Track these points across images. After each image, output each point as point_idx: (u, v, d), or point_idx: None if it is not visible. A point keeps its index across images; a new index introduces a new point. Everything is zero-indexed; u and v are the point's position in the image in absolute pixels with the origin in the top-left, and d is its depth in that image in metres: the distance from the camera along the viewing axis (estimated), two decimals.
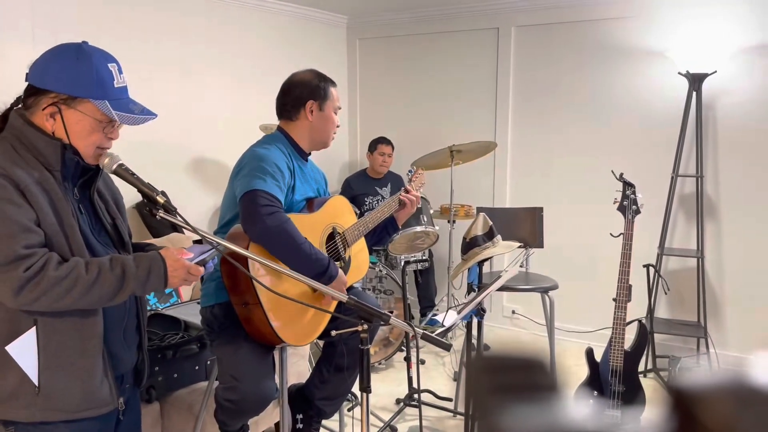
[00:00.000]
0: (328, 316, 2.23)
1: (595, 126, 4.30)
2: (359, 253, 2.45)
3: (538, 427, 0.33)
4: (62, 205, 1.48)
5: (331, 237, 2.30)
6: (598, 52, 4.23)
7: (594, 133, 4.31)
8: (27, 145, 1.47)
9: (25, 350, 1.46)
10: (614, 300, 2.87)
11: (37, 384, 1.47)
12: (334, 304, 2.19)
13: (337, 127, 2.36)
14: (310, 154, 2.35)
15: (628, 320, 2.88)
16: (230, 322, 2.13)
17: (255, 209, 1.96)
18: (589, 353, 2.96)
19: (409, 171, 2.61)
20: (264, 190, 1.99)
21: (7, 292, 1.38)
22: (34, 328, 1.46)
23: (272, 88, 4.52)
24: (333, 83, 2.35)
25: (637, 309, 3.69)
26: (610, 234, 3.04)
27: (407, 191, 2.46)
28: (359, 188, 4.61)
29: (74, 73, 1.47)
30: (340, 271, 2.11)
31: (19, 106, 1.52)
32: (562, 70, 4.37)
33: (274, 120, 4.23)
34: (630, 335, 2.92)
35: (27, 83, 1.50)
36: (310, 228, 2.13)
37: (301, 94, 2.28)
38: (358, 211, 2.98)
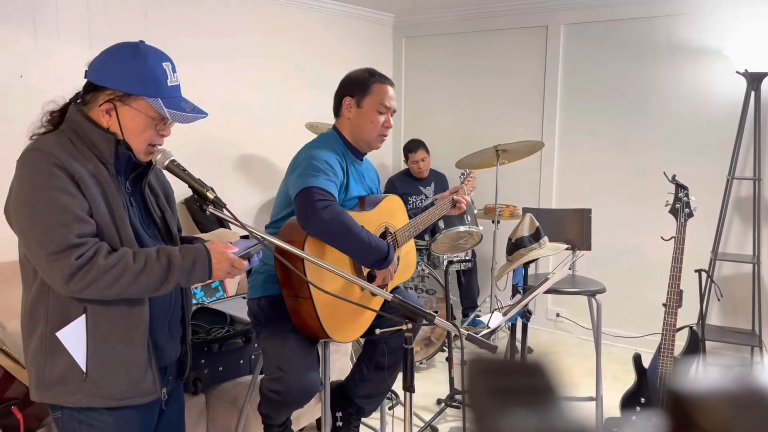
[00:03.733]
0: (373, 315, 2.23)
1: (646, 126, 4.19)
2: (408, 253, 2.45)
3: (537, 429, 0.32)
4: (114, 197, 1.52)
5: (383, 236, 2.30)
6: (649, 51, 4.12)
7: (645, 134, 4.19)
8: (83, 138, 1.52)
9: (74, 337, 1.50)
10: (664, 305, 2.79)
11: (84, 370, 1.51)
12: (380, 302, 2.20)
13: (386, 127, 2.24)
14: (365, 153, 2.31)
15: (678, 326, 2.80)
16: (277, 314, 2.15)
17: (310, 205, 1.97)
18: (637, 359, 2.89)
19: (462, 174, 2.61)
20: (318, 186, 2.00)
21: (59, 280, 1.42)
22: (84, 315, 1.50)
23: (318, 86, 4.60)
24: (383, 80, 2.24)
25: (687, 315, 3.58)
26: (661, 237, 2.96)
27: (456, 191, 2.46)
28: (402, 188, 4.60)
29: (130, 71, 1.50)
30: (396, 256, 2.12)
31: (78, 101, 1.57)
32: (613, 69, 4.27)
33: (320, 118, 4.29)
34: (680, 342, 2.83)
35: (86, 80, 1.54)
36: (364, 226, 2.13)
37: (342, 90, 2.28)
38: None
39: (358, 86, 2.24)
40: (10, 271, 2.47)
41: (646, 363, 2.86)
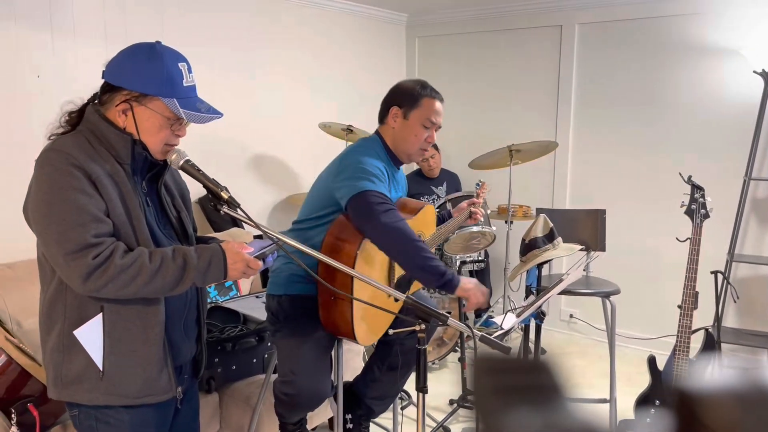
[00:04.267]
0: (392, 319, 2.23)
1: (661, 126, 4.15)
2: None
3: (542, 428, 0.32)
4: (131, 197, 1.53)
5: None
6: (665, 50, 4.09)
7: (660, 134, 4.16)
8: (100, 138, 1.53)
9: (91, 335, 1.51)
10: (679, 307, 2.77)
11: (101, 369, 1.53)
12: (400, 306, 2.20)
13: (428, 142, 2.21)
14: (402, 163, 2.28)
15: (693, 328, 2.77)
16: (297, 314, 2.14)
17: (370, 208, 1.95)
18: (651, 361, 2.86)
19: (477, 184, 2.63)
20: (374, 190, 1.99)
21: (76, 279, 1.43)
22: (101, 314, 1.51)
23: (331, 86, 4.61)
24: (433, 95, 2.21)
25: (703, 317, 3.55)
26: (677, 239, 2.93)
27: (475, 203, 2.46)
28: (414, 188, 4.60)
29: (146, 71, 1.51)
30: (462, 279, 2.02)
31: (95, 102, 1.58)
32: (627, 68, 4.24)
33: (333, 118, 4.29)
34: (695, 344, 2.81)
35: (103, 80, 1.56)
36: None
37: (390, 99, 2.24)
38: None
39: (407, 97, 2.20)
40: (28, 269, 2.51)
41: (660, 365, 2.83)
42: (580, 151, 4.52)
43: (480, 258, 4.19)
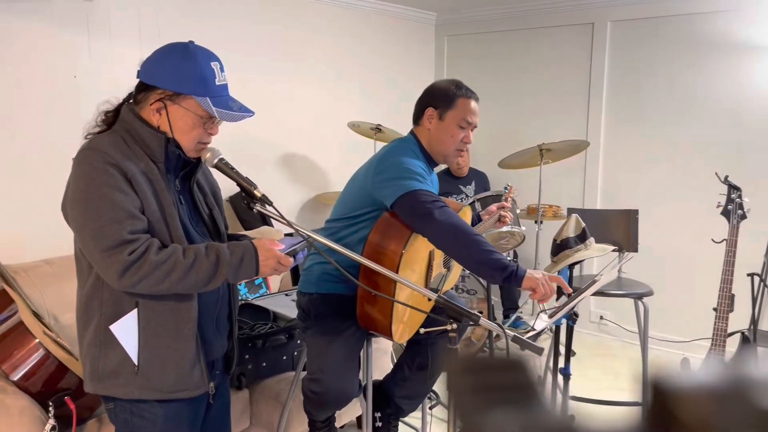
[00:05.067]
0: (425, 317, 2.23)
1: (696, 125, 4.07)
2: (457, 265, 2.46)
3: (520, 427, 0.32)
4: (164, 195, 1.55)
5: None
6: (699, 47, 4.00)
7: (695, 133, 4.08)
8: (135, 137, 1.56)
9: (126, 330, 1.54)
10: (714, 309, 2.71)
11: (136, 363, 1.55)
12: (431, 305, 2.20)
13: (464, 143, 2.18)
14: (437, 164, 2.27)
15: (729, 331, 2.71)
16: (328, 313, 2.15)
17: (423, 207, 1.93)
18: (685, 364, 2.81)
19: (505, 188, 2.61)
20: (423, 189, 1.98)
21: (112, 274, 1.46)
22: (136, 310, 1.54)
23: (360, 85, 4.62)
24: (468, 95, 2.18)
25: (739, 320, 3.47)
26: (712, 240, 2.88)
27: (503, 207, 2.45)
28: (443, 187, 4.57)
29: (179, 70, 1.53)
30: (528, 271, 1.96)
31: (130, 101, 1.61)
32: (661, 66, 4.17)
33: (362, 118, 4.30)
34: (731, 348, 2.74)
35: (138, 80, 1.58)
36: None
37: (425, 99, 2.21)
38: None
39: (442, 98, 2.17)
40: (66, 266, 2.56)
41: (694, 369, 2.78)
42: (612, 151, 4.45)
43: (509, 258, 4.16)
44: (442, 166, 4.81)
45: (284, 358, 2.75)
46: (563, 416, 0.32)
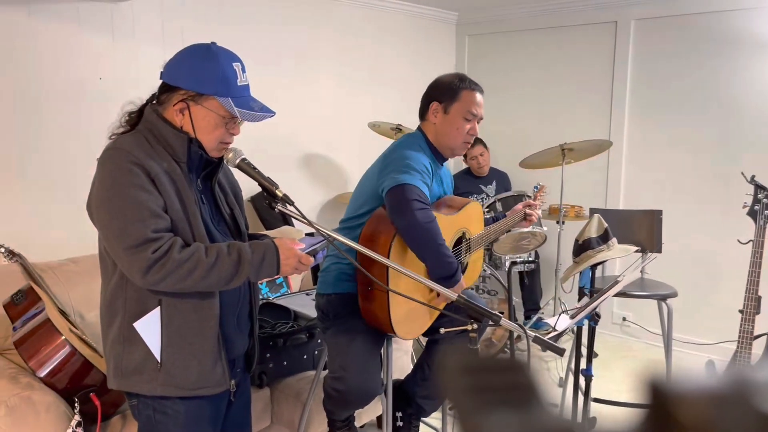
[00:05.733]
0: (436, 314, 2.23)
1: (721, 124, 4.00)
2: (476, 261, 2.45)
3: (519, 428, 0.31)
4: (187, 194, 1.57)
5: (459, 241, 2.29)
6: (724, 45, 3.94)
7: (720, 132, 4.01)
8: (158, 137, 1.58)
9: (150, 328, 1.56)
10: (740, 312, 2.67)
11: (159, 360, 1.57)
12: (444, 303, 2.19)
13: (470, 135, 2.21)
14: (446, 159, 2.28)
15: (755, 334, 2.67)
16: (346, 312, 2.16)
17: (406, 202, 1.97)
18: (710, 367, 2.77)
19: (535, 187, 2.60)
20: (414, 185, 2.00)
21: (136, 272, 1.48)
22: (159, 307, 1.56)
23: (381, 85, 4.62)
24: (472, 87, 2.21)
25: (765, 322, 3.41)
26: (738, 241, 2.83)
27: (530, 205, 2.45)
28: (464, 187, 4.57)
29: (202, 71, 1.55)
30: (462, 279, 2.10)
31: (154, 102, 1.63)
32: (685, 65, 4.11)
33: (382, 118, 4.30)
34: (757, 350, 2.70)
35: (161, 80, 1.60)
36: (444, 228, 2.12)
37: (429, 94, 2.24)
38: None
39: (446, 92, 2.20)
40: (91, 264, 2.60)
41: (718, 371, 2.73)
42: (635, 150, 4.40)
43: (530, 259, 4.13)
44: (462, 165, 4.81)
45: (305, 357, 2.76)
46: (563, 418, 0.32)
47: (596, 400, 3.23)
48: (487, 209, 3.71)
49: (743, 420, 0.29)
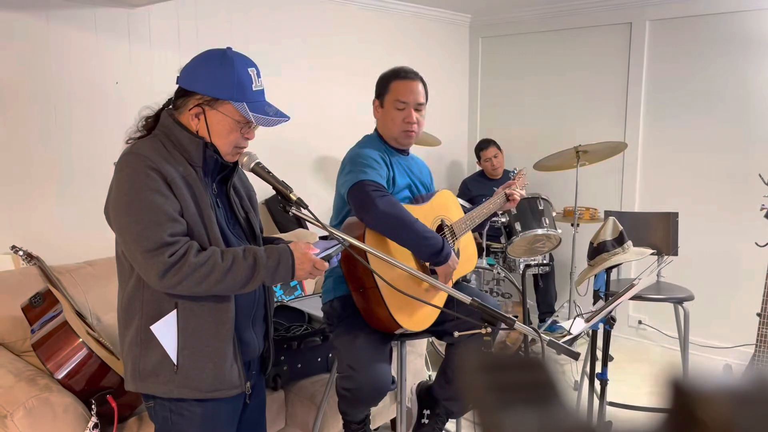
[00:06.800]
0: (442, 300, 2.24)
1: (738, 126, 3.96)
2: (467, 246, 2.47)
3: (539, 427, 0.31)
4: (203, 198, 1.59)
5: (440, 229, 2.31)
6: (741, 47, 3.90)
7: (737, 134, 3.97)
8: (174, 142, 1.59)
9: (166, 330, 1.58)
10: (758, 315, 2.64)
11: (175, 363, 1.59)
12: (443, 297, 2.20)
13: (407, 122, 2.25)
14: (406, 149, 2.36)
15: None
16: (348, 313, 2.20)
17: (365, 196, 2.02)
18: (727, 371, 2.73)
19: (512, 172, 2.62)
20: (368, 179, 2.06)
21: (153, 276, 1.49)
22: (175, 310, 1.57)
23: None
24: (402, 76, 2.26)
25: None
26: (756, 243, 2.80)
27: (510, 185, 2.51)
28: (477, 189, 4.56)
29: (217, 76, 1.57)
30: (452, 251, 2.13)
31: (170, 107, 1.64)
32: (701, 66, 4.07)
33: None
34: None
35: (177, 85, 1.62)
36: (420, 219, 2.14)
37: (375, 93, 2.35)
38: (468, 206, 2.98)
39: (379, 87, 2.31)
40: (108, 267, 2.64)
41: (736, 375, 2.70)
42: (650, 152, 4.36)
43: (545, 261, 4.11)
44: (476, 168, 4.81)
45: (319, 359, 2.77)
46: (583, 416, 0.32)
47: (612, 404, 3.21)
48: (501, 213, 3.70)
49: (766, 419, 0.29)
